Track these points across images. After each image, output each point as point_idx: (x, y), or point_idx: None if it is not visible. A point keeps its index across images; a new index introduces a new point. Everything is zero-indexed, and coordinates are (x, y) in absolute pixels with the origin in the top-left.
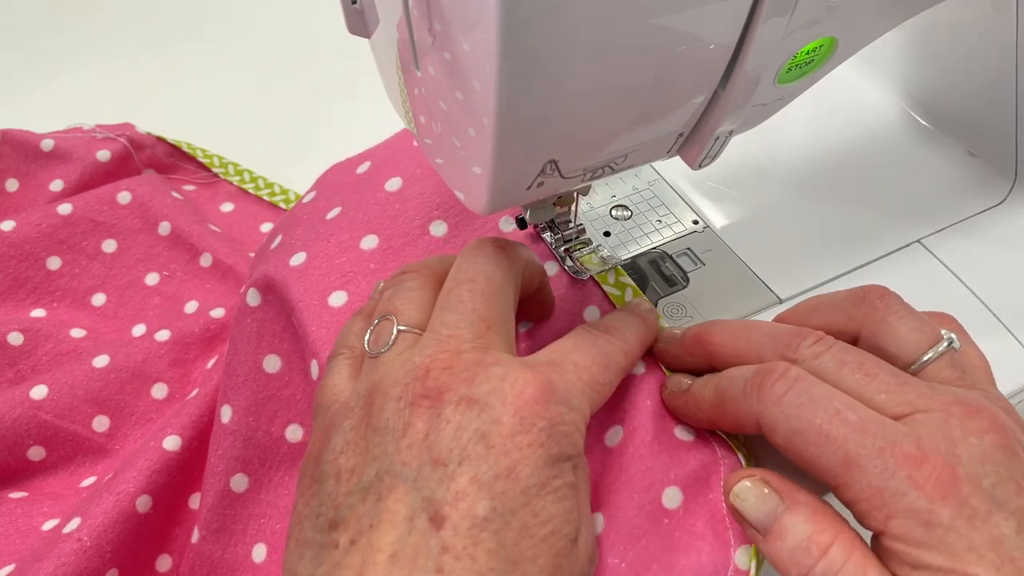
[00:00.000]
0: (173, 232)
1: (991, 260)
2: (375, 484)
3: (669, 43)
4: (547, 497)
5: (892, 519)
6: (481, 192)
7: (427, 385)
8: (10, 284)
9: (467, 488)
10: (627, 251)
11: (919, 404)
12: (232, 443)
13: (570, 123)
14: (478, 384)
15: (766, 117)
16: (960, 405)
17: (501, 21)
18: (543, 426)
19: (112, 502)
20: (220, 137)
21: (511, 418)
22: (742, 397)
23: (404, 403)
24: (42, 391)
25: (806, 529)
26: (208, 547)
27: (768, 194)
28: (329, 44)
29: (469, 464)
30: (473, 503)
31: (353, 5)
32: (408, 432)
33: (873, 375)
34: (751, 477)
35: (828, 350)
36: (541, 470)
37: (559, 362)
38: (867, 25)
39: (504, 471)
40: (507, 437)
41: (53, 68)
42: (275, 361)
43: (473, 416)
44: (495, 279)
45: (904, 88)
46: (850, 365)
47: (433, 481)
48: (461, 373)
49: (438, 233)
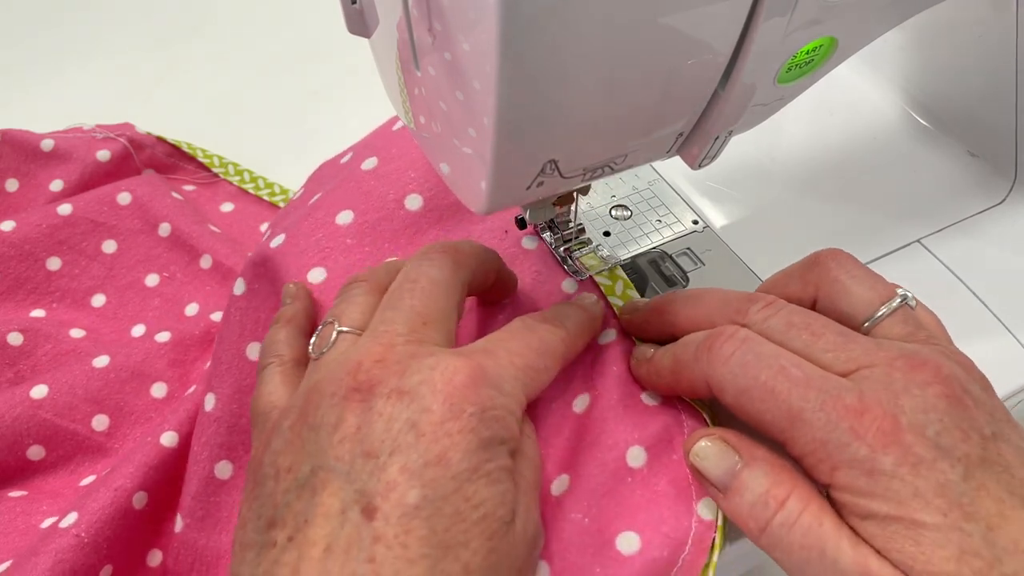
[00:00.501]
0: (173, 233)
1: (991, 260)
2: (310, 480)
3: (669, 43)
4: (479, 481)
5: (837, 470)
6: (481, 192)
7: (359, 379)
8: (10, 284)
9: (398, 477)
10: (627, 251)
11: (863, 360)
12: (216, 430)
13: (570, 123)
14: (409, 375)
15: (766, 117)
16: (904, 359)
17: (501, 21)
18: (473, 411)
19: (110, 498)
20: (220, 137)
21: (440, 405)
22: (694, 361)
23: (337, 398)
24: (42, 390)
25: (764, 483)
26: (192, 535)
27: (768, 194)
28: (329, 44)
29: (400, 454)
30: (404, 492)
31: (353, 5)
32: (340, 426)
33: (819, 335)
34: (710, 436)
35: (776, 313)
36: (472, 454)
37: (492, 349)
38: (867, 25)
39: (434, 458)
40: (436, 424)
41: (53, 68)
42: (258, 348)
43: (403, 407)
44: (438, 279)
45: (904, 88)
46: (797, 326)
47: (365, 473)
48: (393, 366)
49: (413, 207)
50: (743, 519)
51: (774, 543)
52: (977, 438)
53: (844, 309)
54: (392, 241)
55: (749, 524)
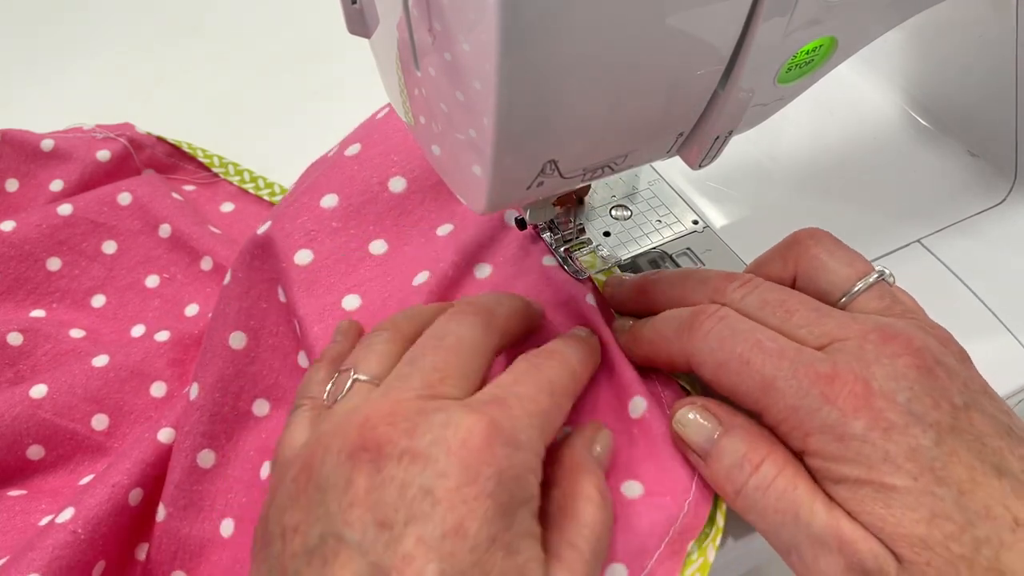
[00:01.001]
0: (173, 234)
1: (991, 260)
2: (320, 548)
3: (669, 43)
4: (498, 553)
5: (810, 436)
6: (481, 192)
7: (365, 437)
8: (10, 284)
9: (414, 551)
10: (627, 251)
11: (837, 334)
12: (199, 418)
13: (570, 123)
14: (420, 435)
15: (766, 117)
16: (877, 332)
17: (501, 21)
18: (490, 474)
19: (107, 494)
20: (220, 137)
21: (456, 469)
22: (675, 337)
23: (344, 456)
24: (41, 390)
25: (741, 448)
26: (175, 524)
27: (768, 194)
28: (329, 44)
29: (415, 524)
30: (421, 566)
31: (353, 5)
32: (350, 490)
33: (793, 311)
34: (692, 405)
35: (752, 291)
36: (491, 522)
37: (502, 397)
38: (867, 25)
39: (452, 528)
40: (453, 491)
41: (53, 68)
42: (240, 337)
43: (417, 471)
44: (466, 338)
45: (904, 88)
46: (771, 303)
47: (380, 545)
48: (402, 424)
49: (397, 189)
50: (720, 483)
51: (749, 506)
52: (948, 407)
53: (822, 285)
54: (377, 223)
55: (726, 488)
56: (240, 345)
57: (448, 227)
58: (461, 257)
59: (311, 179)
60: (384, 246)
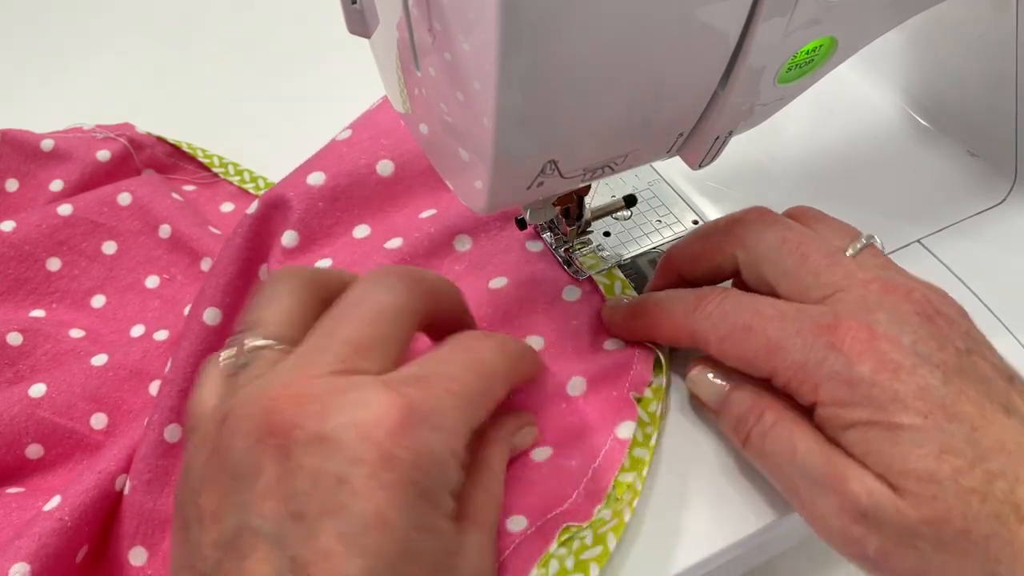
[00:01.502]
0: (174, 235)
1: (991, 260)
2: (236, 541)
3: (669, 43)
4: (425, 538)
5: (819, 387)
6: (481, 191)
7: (274, 420)
8: (9, 284)
9: (334, 546)
10: (627, 251)
11: (840, 284)
12: (168, 392)
13: (570, 123)
14: (331, 416)
15: (766, 117)
16: (879, 282)
17: (501, 21)
18: (407, 456)
19: (93, 481)
20: (220, 137)
21: (371, 454)
22: (682, 315)
23: (252, 440)
24: (40, 389)
25: (747, 401)
26: (139, 497)
27: (768, 194)
28: (329, 44)
29: (332, 517)
30: (342, 562)
31: (353, 5)
32: (260, 478)
33: (807, 256)
34: (703, 365)
35: (771, 225)
36: (413, 509)
37: (425, 376)
38: (867, 25)
39: (372, 521)
40: (368, 477)
41: (53, 68)
42: (215, 314)
43: (327, 457)
44: (386, 304)
45: (904, 88)
46: (791, 242)
47: (296, 539)
48: (312, 404)
49: (385, 172)
50: (731, 433)
51: (755, 453)
52: (952, 350)
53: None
54: (363, 206)
55: (734, 438)
56: (214, 321)
57: (432, 212)
58: (439, 230)
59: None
60: (367, 230)
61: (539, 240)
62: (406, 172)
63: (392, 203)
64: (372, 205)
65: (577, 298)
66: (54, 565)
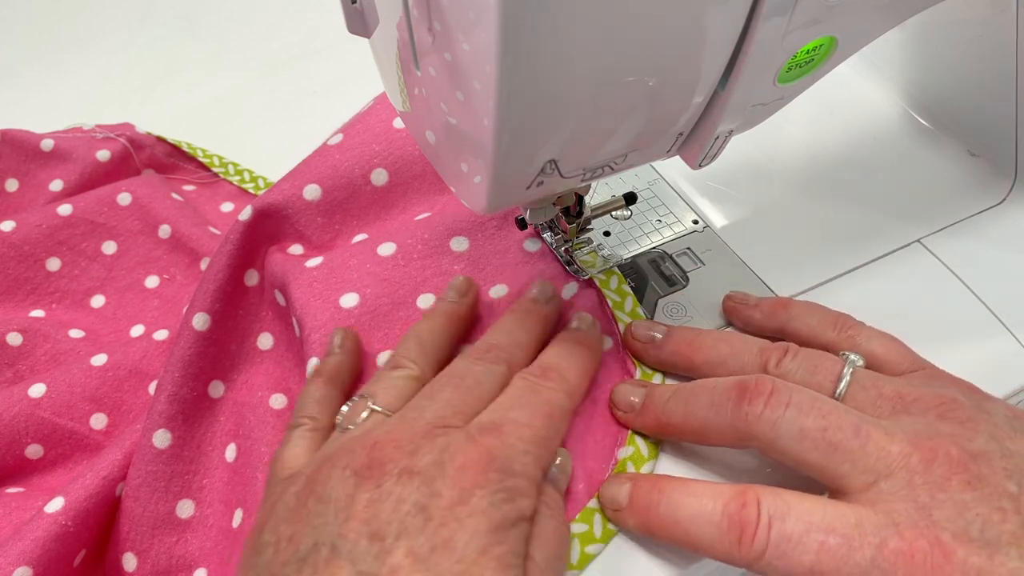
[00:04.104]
0: (173, 235)
1: (991, 260)
2: (311, 555)
3: (669, 43)
4: (488, 565)
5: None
6: (481, 191)
7: (372, 456)
8: (9, 285)
9: (403, 562)
10: (627, 251)
11: (879, 468)
12: (158, 398)
13: (570, 123)
14: (421, 455)
15: (766, 117)
16: (916, 453)
17: (501, 21)
18: (482, 495)
19: (97, 487)
20: (220, 137)
21: (450, 490)
22: (727, 413)
23: (349, 472)
24: (40, 389)
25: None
26: (130, 503)
27: (768, 194)
28: (329, 44)
29: (406, 537)
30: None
31: (353, 5)
32: (350, 504)
33: (834, 445)
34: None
35: (778, 409)
36: (480, 536)
37: (499, 423)
38: (867, 25)
39: (441, 543)
40: (446, 509)
41: (53, 68)
42: (204, 319)
43: (413, 488)
44: (484, 383)
45: (904, 88)
46: (811, 434)
47: (369, 555)
48: (406, 445)
49: (379, 182)
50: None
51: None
52: (1011, 506)
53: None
54: (360, 218)
55: None
56: (204, 327)
57: (426, 215)
58: (433, 233)
59: (294, 168)
60: (364, 238)
61: (538, 239)
62: (400, 179)
63: (388, 211)
64: (369, 214)
65: (574, 295)
66: (55, 569)
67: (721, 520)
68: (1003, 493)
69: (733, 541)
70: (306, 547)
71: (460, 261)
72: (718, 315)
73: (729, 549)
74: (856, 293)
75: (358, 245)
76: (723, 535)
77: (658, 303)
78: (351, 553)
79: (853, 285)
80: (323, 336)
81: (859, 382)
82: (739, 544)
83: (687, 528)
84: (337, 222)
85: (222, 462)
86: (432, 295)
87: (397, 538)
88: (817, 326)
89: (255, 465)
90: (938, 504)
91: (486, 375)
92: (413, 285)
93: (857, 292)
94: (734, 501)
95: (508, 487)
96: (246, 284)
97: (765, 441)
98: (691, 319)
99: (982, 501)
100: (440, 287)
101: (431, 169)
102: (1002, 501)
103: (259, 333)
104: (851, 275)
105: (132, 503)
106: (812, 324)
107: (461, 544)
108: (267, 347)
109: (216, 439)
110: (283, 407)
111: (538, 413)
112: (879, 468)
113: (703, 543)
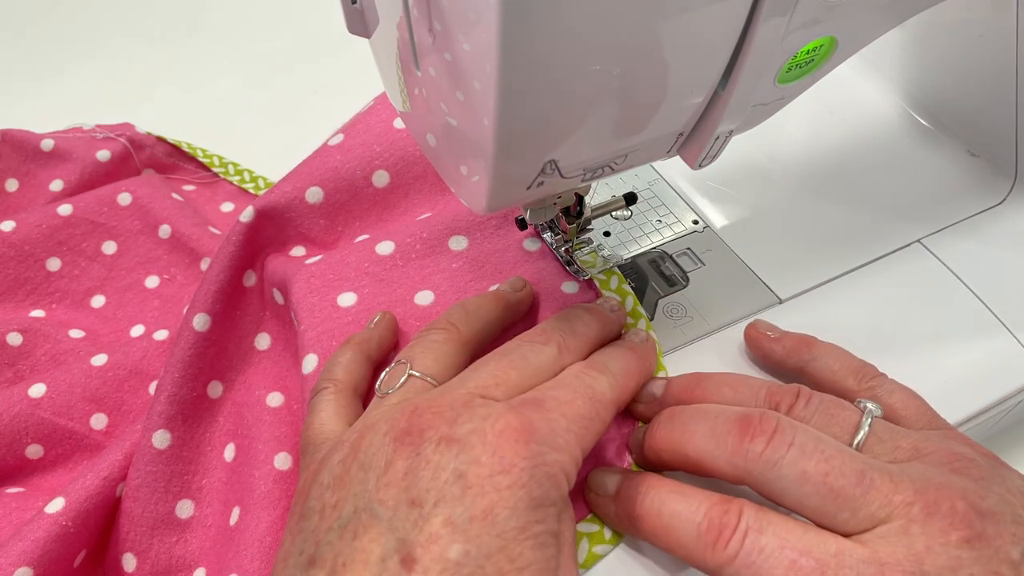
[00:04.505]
0: (174, 235)
1: (991, 260)
2: (352, 521)
3: (669, 43)
4: (525, 543)
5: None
6: (481, 192)
7: (412, 423)
8: (9, 285)
9: (440, 530)
10: (627, 251)
11: (880, 515)
12: (158, 398)
13: (570, 123)
14: (461, 424)
15: (766, 117)
16: (920, 503)
17: (501, 21)
18: (524, 466)
19: (98, 487)
20: (220, 137)
21: (490, 457)
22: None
23: (389, 438)
24: (40, 389)
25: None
26: (129, 504)
27: (768, 194)
28: (329, 44)
29: (444, 505)
30: (446, 546)
31: (353, 5)
32: (388, 470)
33: (836, 491)
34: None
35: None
36: (521, 513)
37: (541, 399)
38: (867, 25)
39: (480, 513)
40: (485, 478)
41: (53, 68)
42: (204, 320)
43: (452, 455)
44: (532, 361)
45: (904, 88)
46: (812, 478)
47: (408, 522)
48: (446, 413)
49: (381, 183)
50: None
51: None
52: (1010, 573)
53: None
54: (362, 219)
55: None
56: (204, 327)
57: (427, 215)
58: (431, 233)
59: (295, 169)
60: (366, 239)
61: (538, 239)
62: (402, 180)
63: (390, 212)
64: (371, 216)
65: (575, 293)
66: (55, 569)
67: (702, 521)
68: (1004, 559)
69: (708, 543)
70: (348, 513)
71: (459, 260)
72: (718, 315)
73: (703, 551)
74: (856, 293)
75: (357, 244)
76: (700, 536)
77: (658, 303)
78: (391, 520)
79: (853, 285)
80: (319, 335)
81: (877, 434)
82: (712, 547)
83: (668, 523)
84: (340, 224)
85: (221, 462)
86: (431, 293)
87: (435, 505)
88: (839, 371)
89: (252, 464)
90: (932, 555)
91: (533, 352)
92: (411, 284)
93: (857, 292)
94: (718, 507)
95: (550, 461)
96: (245, 285)
97: (763, 481)
98: (691, 320)
99: (979, 561)
100: (439, 285)
101: (432, 170)
102: (1001, 567)
103: (257, 334)
104: (851, 275)
105: (132, 503)
106: (834, 368)
107: (502, 516)
108: (264, 347)
109: (215, 439)
110: (280, 405)
111: (581, 394)
112: (879, 516)
113: (679, 542)
